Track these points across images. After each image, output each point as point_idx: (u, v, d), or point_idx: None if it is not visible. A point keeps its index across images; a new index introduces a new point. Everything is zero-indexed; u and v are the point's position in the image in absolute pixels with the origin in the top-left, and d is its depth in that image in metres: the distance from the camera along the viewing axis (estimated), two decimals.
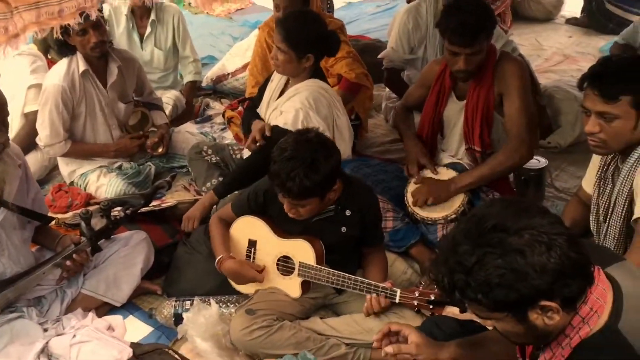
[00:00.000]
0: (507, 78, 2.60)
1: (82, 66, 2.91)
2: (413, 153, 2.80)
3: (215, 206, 2.73)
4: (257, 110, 2.96)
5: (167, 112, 3.61)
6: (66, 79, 2.88)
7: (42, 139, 2.99)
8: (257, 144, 2.70)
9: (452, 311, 2.10)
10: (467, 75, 2.60)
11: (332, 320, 2.21)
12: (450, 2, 2.68)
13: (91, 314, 2.08)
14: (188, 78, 4.08)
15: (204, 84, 4.36)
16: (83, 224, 2.29)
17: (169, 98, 3.83)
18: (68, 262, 2.20)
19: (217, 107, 4.09)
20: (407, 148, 2.88)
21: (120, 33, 3.89)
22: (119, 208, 2.55)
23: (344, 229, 2.17)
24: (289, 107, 2.67)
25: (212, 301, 2.21)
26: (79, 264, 2.24)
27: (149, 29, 3.90)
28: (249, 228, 2.28)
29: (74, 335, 1.72)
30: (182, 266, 2.50)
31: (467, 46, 2.48)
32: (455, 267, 1.23)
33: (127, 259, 2.38)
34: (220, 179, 2.97)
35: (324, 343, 2.11)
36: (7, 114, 2.02)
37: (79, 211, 2.59)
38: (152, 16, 3.87)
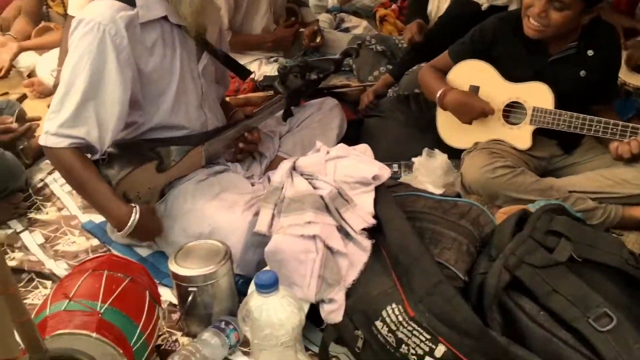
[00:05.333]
0: None
1: None
2: None
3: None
4: None
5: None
6: None
7: None
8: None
9: None
10: None
11: (571, 178, 1.95)
12: None
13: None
14: None
15: (329, 6, 4.13)
16: (279, 80, 2.12)
17: None
18: (241, 144, 1.97)
19: (353, 20, 3.85)
20: None
21: None
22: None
23: (582, 72, 1.92)
24: None
25: (437, 151, 1.97)
26: (252, 142, 2.01)
27: None
28: (470, 73, 2.03)
29: (327, 152, 1.53)
30: (376, 134, 2.30)
31: None
32: None
33: (322, 123, 2.18)
34: (389, 67, 2.77)
35: (568, 195, 1.85)
36: None
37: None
38: None
